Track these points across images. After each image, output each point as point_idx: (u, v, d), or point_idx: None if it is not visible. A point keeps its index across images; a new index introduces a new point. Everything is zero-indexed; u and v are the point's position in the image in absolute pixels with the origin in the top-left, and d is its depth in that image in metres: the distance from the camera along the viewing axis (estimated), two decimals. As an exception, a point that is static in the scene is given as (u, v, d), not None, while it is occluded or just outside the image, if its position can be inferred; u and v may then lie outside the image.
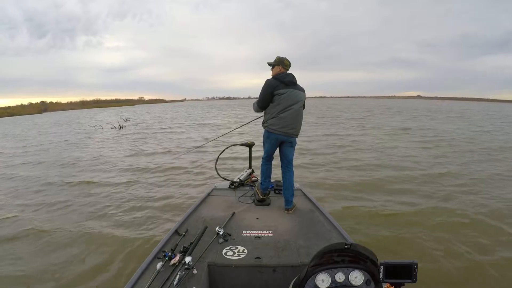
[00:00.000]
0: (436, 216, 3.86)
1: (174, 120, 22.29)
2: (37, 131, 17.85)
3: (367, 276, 1.12)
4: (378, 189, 4.93)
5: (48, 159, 8.29)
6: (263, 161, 2.67)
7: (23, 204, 4.57)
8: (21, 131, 18.13)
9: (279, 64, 2.47)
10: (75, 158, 8.24)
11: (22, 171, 6.87)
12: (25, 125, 23.50)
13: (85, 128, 17.94)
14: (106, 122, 20.24)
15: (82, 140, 12.22)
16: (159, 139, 11.62)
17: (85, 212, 4.21)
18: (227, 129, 10.09)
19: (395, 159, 7.24)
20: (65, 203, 4.58)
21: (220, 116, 25.17)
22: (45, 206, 4.47)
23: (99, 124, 18.58)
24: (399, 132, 12.60)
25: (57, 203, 4.58)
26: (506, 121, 18.99)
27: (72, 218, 3.99)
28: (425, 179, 5.45)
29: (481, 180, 5.39)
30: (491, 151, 8.12)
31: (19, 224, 3.78)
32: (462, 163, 6.72)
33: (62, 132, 16.47)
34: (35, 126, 21.80)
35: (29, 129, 19.78)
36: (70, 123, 23.34)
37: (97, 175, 6.30)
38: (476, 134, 11.97)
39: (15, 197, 4.98)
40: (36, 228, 3.64)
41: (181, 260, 1.58)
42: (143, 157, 8.10)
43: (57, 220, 3.92)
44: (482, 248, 3.05)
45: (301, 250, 1.79)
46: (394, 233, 3.42)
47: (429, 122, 17.16)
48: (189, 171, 6.26)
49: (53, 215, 4.13)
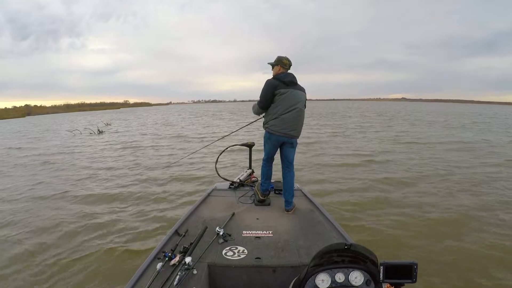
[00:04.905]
0: (436, 216, 3.86)
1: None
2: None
3: (367, 276, 1.12)
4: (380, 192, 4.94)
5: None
6: (264, 162, 2.65)
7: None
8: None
9: (278, 64, 2.45)
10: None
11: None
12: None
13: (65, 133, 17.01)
14: (84, 127, 19.30)
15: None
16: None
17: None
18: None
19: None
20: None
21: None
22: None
23: (77, 129, 17.76)
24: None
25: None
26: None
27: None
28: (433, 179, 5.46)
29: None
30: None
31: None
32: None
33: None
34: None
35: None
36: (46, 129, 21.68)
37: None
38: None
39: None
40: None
41: (181, 260, 1.58)
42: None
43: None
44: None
45: (301, 251, 1.79)
46: (394, 233, 3.43)
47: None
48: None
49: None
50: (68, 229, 3.67)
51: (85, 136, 14.99)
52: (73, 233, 3.57)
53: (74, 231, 3.63)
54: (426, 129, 14.94)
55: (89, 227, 3.73)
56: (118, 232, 3.56)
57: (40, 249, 3.23)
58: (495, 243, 3.15)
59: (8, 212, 4.33)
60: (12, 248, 3.25)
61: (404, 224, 3.65)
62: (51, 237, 3.48)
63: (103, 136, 15.05)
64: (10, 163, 8.39)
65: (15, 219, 4.05)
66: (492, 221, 3.69)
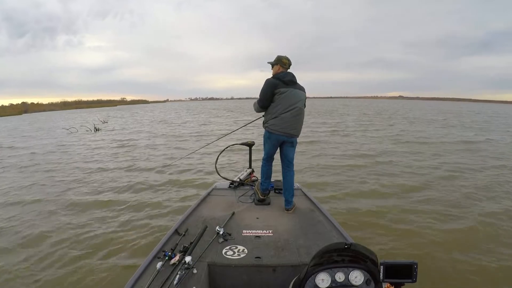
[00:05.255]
0: (438, 216, 3.87)
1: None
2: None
3: (367, 275, 1.12)
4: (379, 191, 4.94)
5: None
6: (264, 162, 2.65)
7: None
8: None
9: (278, 63, 2.46)
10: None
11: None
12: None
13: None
14: (80, 125, 18.95)
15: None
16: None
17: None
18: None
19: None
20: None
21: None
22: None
23: (74, 127, 17.53)
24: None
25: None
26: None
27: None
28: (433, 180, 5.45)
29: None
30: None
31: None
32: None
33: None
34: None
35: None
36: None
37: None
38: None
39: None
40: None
41: (181, 259, 1.58)
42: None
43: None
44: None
45: (301, 250, 1.79)
46: (394, 233, 3.43)
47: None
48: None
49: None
50: (65, 230, 3.67)
51: (81, 134, 14.89)
52: (72, 234, 3.57)
53: (73, 231, 3.63)
54: (426, 127, 14.86)
55: (89, 227, 3.74)
56: (118, 231, 3.57)
57: (35, 243, 3.28)
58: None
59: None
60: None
61: (406, 224, 3.65)
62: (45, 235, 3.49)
63: (99, 133, 14.94)
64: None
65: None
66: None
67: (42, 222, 3.92)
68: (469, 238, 3.28)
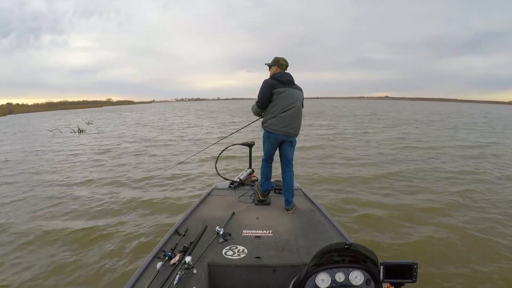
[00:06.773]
0: (438, 216, 3.87)
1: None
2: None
3: (367, 276, 1.12)
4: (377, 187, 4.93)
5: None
6: (263, 163, 2.66)
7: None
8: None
9: (275, 64, 2.50)
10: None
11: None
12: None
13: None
14: (64, 126, 18.32)
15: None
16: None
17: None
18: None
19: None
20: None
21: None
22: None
23: (57, 128, 16.98)
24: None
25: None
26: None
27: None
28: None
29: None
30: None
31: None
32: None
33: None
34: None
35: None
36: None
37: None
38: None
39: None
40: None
41: (181, 259, 1.58)
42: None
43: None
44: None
45: (301, 250, 1.79)
46: (394, 233, 3.43)
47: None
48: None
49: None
50: (65, 229, 3.68)
51: (65, 135, 14.47)
52: (71, 236, 3.57)
53: (73, 230, 3.63)
54: (427, 129, 14.71)
55: (88, 227, 3.74)
56: (117, 232, 3.57)
57: (34, 242, 3.26)
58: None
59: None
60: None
61: (406, 224, 3.65)
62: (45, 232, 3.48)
63: (83, 136, 14.36)
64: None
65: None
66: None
67: (45, 214, 3.93)
68: (471, 239, 3.27)
